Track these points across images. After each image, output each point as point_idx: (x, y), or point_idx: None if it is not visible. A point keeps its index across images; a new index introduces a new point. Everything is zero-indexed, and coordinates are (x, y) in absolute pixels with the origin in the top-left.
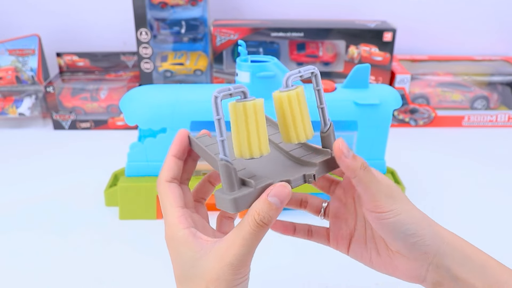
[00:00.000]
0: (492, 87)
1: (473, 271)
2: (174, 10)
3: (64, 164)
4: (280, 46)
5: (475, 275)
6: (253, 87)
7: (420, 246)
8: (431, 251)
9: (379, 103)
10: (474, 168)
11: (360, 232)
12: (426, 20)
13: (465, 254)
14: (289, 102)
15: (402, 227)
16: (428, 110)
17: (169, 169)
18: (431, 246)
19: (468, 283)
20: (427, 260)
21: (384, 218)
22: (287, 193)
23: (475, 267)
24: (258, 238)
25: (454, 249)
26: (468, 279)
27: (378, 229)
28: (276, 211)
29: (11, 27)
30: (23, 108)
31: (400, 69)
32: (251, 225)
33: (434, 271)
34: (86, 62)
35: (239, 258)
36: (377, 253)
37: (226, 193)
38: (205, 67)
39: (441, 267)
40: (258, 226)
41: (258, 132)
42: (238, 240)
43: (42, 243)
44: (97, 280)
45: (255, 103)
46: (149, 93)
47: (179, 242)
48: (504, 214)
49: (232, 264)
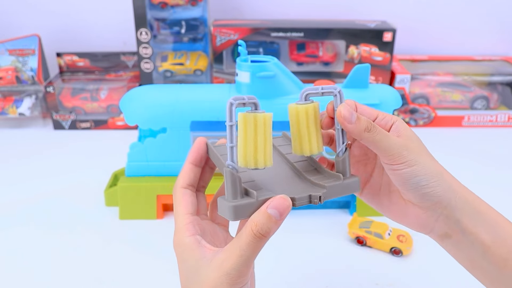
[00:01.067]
0: (492, 87)
1: (483, 226)
2: (174, 10)
3: (64, 164)
4: (280, 46)
5: (485, 229)
6: (253, 87)
7: (432, 196)
8: (442, 202)
9: (379, 103)
10: (474, 168)
11: (376, 178)
12: (426, 20)
13: (477, 209)
14: (306, 115)
15: (415, 178)
16: (428, 110)
17: (185, 176)
18: (442, 197)
19: (477, 236)
20: (438, 210)
21: (397, 169)
22: (287, 205)
23: (485, 222)
24: (255, 249)
25: (466, 202)
26: (477, 233)
27: (392, 178)
28: (275, 224)
29: (11, 27)
30: (23, 108)
31: (400, 69)
32: (248, 236)
33: (444, 222)
34: (86, 62)
35: (237, 269)
36: (389, 200)
37: (227, 200)
38: (205, 67)
39: (451, 219)
40: (256, 237)
41: (265, 144)
42: (236, 251)
43: (42, 243)
44: (97, 280)
45: (265, 116)
46: (149, 93)
47: (184, 249)
48: (504, 213)
49: (229, 274)
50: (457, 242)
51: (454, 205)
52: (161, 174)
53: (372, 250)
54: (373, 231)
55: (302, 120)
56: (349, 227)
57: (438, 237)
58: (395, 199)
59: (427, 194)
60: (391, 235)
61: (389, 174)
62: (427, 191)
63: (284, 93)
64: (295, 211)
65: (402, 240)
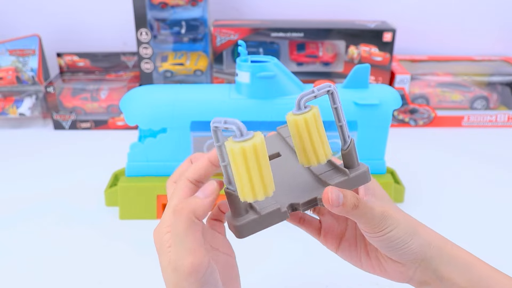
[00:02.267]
0: (492, 87)
1: (457, 270)
2: (174, 10)
3: (64, 164)
4: (280, 46)
5: (459, 273)
6: (253, 87)
7: (409, 254)
8: (418, 257)
9: (379, 103)
10: (473, 168)
11: (350, 233)
12: (425, 20)
13: (450, 254)
14: (306, 125)
15: (393, 242)
16: (427, 110)
17: (199, 170)
18: (418, 253)
19: (453, 281)
20: (415, 263)
21: (376, 237)
22: (213, 188)
23: (459, 266)
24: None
25: (440, 250)
26: (452, 278)
27: (371, 241)
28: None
29: (12, 27)
30: (23, 108)
31: (400, 69)
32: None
33: (421, 272)
34: (86, 62)
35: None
36: (366, 255)
37: (232, 219)
38: (205, 67)
39: (428, 269)
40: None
41: (261, 175)
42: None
43: (42, 243)
44: (97, 279)
45: (255, 144)
46: (149, 93)
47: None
48: (503, 213)
49: (176, 268)
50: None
51: (430, 256)
52: (161, 174)
53: None
54: None
55: (303, 132)
56: None
57: (417, 285)
58: (373, 254)
59: (404, 253)
60: None
61: (368, 239)
62: (405, 250)
63: (284, 93)
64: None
65: None
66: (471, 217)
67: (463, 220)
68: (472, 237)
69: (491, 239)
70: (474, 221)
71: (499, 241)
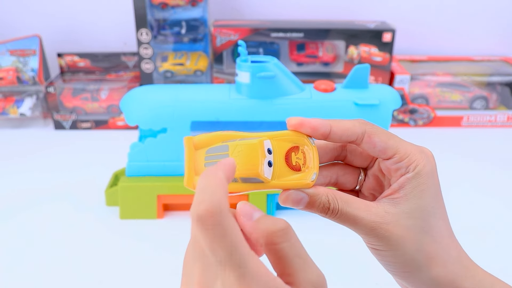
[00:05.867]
0: (491, 87)
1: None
2: (175, 10)
3: (64, 164)
4: (280, 46)
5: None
6: (253, 87)
7: (407, 284)
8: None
9: (378, 103)
10: (473, 168)
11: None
12: (425, 20)
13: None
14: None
15: (386, 265)
16: (427, 110)
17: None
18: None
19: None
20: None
21: (368, 246)
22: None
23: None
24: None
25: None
26: None
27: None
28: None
29: (12, 27)
30: (24, 108)
31: (400, 69)
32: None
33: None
34: (86, 63)
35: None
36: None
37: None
38: (206, 68)
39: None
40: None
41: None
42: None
43: (42, 243)
44: (97, 279)
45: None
46: (149, 93)
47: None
48: (503, 214)
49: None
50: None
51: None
52: (162, 174)
53: None
54: None
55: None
56: None
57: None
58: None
59: (401, 280)
60: None
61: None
62: (403, 281)
63: (284, 93)
64: (294, 211)
65: None
66: (471, 217)
67: (462, 220)
68: (471, 237)
69: (491, 239)
70: (474, 221)
71: (499, 241)
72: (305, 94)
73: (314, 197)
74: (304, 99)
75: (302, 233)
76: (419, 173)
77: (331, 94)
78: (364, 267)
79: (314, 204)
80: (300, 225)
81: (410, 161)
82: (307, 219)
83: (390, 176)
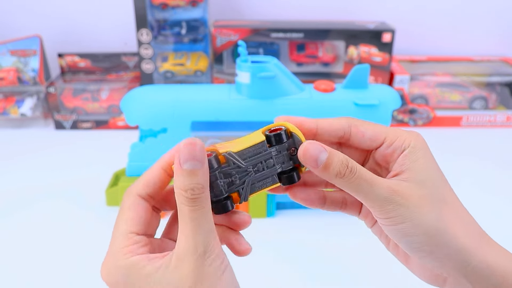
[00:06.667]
0: (491, 88)
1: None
2: (175, 11)
3: (65, 163)
4: (280, 46)
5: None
6: (253, 88)
7: (431, 260)
8: (446, 266)
9: (378, 103)
10: (473, 168)
11: None
12: (425, 21)
13: (505, 279)
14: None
15: (404, 238)
16: (427, 110)
17: (149, 182)
18: (445, 261)
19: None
20: (444, 272)
21: (383, 224)
22: (198, 149)
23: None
24: (203, 212)
25: (484, 270)
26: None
27: (383, 229)
28: (202, 175)
29: (13, 28)
30: (24, 108)
31: (399, 69)
32: (188, 205)
33: (454, 285)
34: (87, 63)
35: (202, 243)
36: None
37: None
38: (206, 68)
39: (463, 285)
40: (194, 200)
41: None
42: (188, 227)
43: (42, 243)
44: (97, 279)
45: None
46: (149, 93)
47: (129, 271)
48: (503, 214)
49: (200, 254)
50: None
51: (466, 272)
52: None
53: (373, 250)
54: None
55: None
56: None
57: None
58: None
59: (423, 257)
60: None
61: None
62: (422, 254)
63: (284, 94)
64: (294, 211)
65: None
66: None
67: None
68: None
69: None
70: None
71: (499, 241)
72: (305, 94)
73: (332, 154)
74: (304, 99)
75: (303, 233)
76: (414, 147)
77: (331, 94)
78: (364, 267)
79: (333, 161)
80: (301, 226)
81: (401, 140)
82: (307, 219)
83: (388, 163)
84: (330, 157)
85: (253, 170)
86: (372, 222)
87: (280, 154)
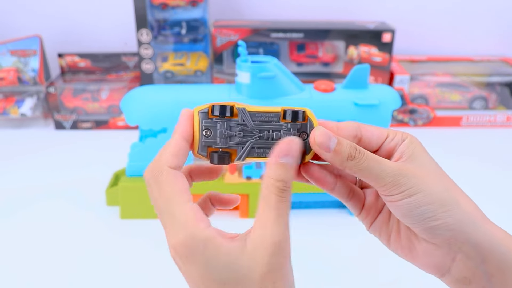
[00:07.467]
0: (491, 88)
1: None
2: (175, 11)
3: (65, 163)
4: (280, 46)
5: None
6: (253, 88)
7: (442, 230)
8: (458, 236)
9: (378, 103)
10: (473, 168)
11: (386, 207)
12: (425, 21)
13: (509, 250)
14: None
15: (418, 209)
16: (427, 110)
17: (177, 153)
18: (456, 231)
19: (507, 285)
20: (454, 247)
21: (394, 201)
22: (296, 148)
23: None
24: (287, 205)
25: (494, 239)
26: (507, 281)
27: (392, 211)
28: (293, 172)
29: (13, 28)
30: (24, 108)
31: (399, 69)
32: (278, 194)
33: (463, 262)
34: (87, 63)
35: (282, 233)
36: (397, 234)
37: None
38: (206, 68)
39: (472, 259)
40: (283, 191)
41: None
42: (272, 215)
43: (42, 243)
44: (97, 279)
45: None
46: (149, 93)
47: (207, 246)
48: (503, 214)
49: (276, 243)
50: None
51: (476, 241)
52: None
53: (373, 249)
54: None
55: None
56: None
57: (453, 282)
58: (403, 232)
59: (435, 228)
60: None
61: (388, 206)
62: (435, 223)
63: (284, 94)
64: (293, 211)
65: None
66: None
67: None
68: None
69: None
70: None
71: None
72: (305, 94)
73: (340, 138)
74: (304, 99)
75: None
76: (411, 140)
77: (331, 94)
78: (365, 267)
79: (343, 145)
80: (301, 226)
81: (400, 134)
82: (307, 219)
83: (390, 156)
84: (340, 141)
85: (258, 134)
86: (371, 221)
87: (289, 132)
